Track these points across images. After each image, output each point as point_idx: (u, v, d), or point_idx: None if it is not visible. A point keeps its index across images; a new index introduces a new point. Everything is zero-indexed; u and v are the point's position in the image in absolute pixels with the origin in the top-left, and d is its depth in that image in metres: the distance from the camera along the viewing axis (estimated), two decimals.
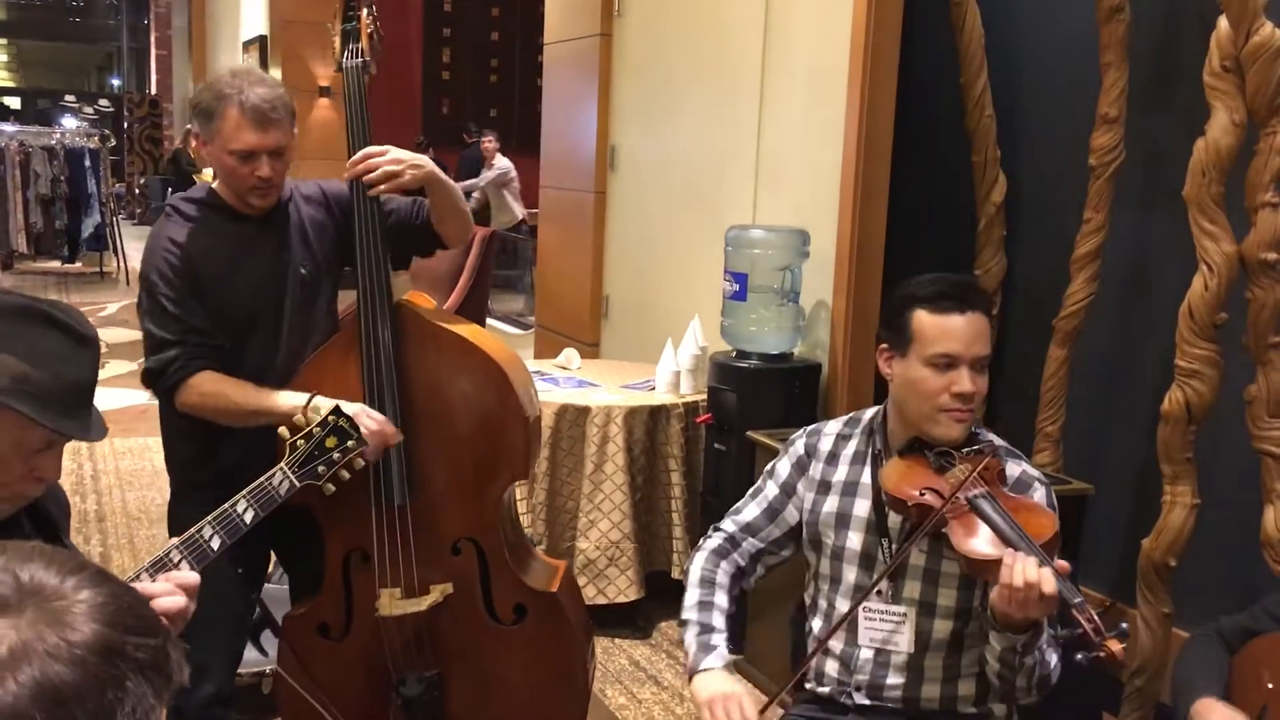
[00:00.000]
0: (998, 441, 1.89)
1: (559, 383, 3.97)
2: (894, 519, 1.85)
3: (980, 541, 1.64)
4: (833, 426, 2.03)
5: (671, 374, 3.81)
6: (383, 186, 2.17)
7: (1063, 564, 1.59)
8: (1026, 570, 1.55)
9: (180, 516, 2.26)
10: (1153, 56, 3.18)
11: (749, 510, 2.04)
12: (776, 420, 3.42)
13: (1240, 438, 2.75)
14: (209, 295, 2.17)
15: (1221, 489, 2.91)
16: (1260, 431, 2.70)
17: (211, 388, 2.14)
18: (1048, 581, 1.53)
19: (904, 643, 1.83)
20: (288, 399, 2.10)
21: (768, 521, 2.01)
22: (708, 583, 1.98)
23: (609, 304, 5.06)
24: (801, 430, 2.07)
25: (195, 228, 2.21)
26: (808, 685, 1.98)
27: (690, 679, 1.88)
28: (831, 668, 1.92)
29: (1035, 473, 1.85)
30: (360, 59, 2.30)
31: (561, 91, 5.38)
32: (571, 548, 3.63)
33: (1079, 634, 1.52)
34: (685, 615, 1.96)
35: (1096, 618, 1.49)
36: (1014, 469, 1.84)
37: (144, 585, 1.49)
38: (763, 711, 1.80)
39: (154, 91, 18.90)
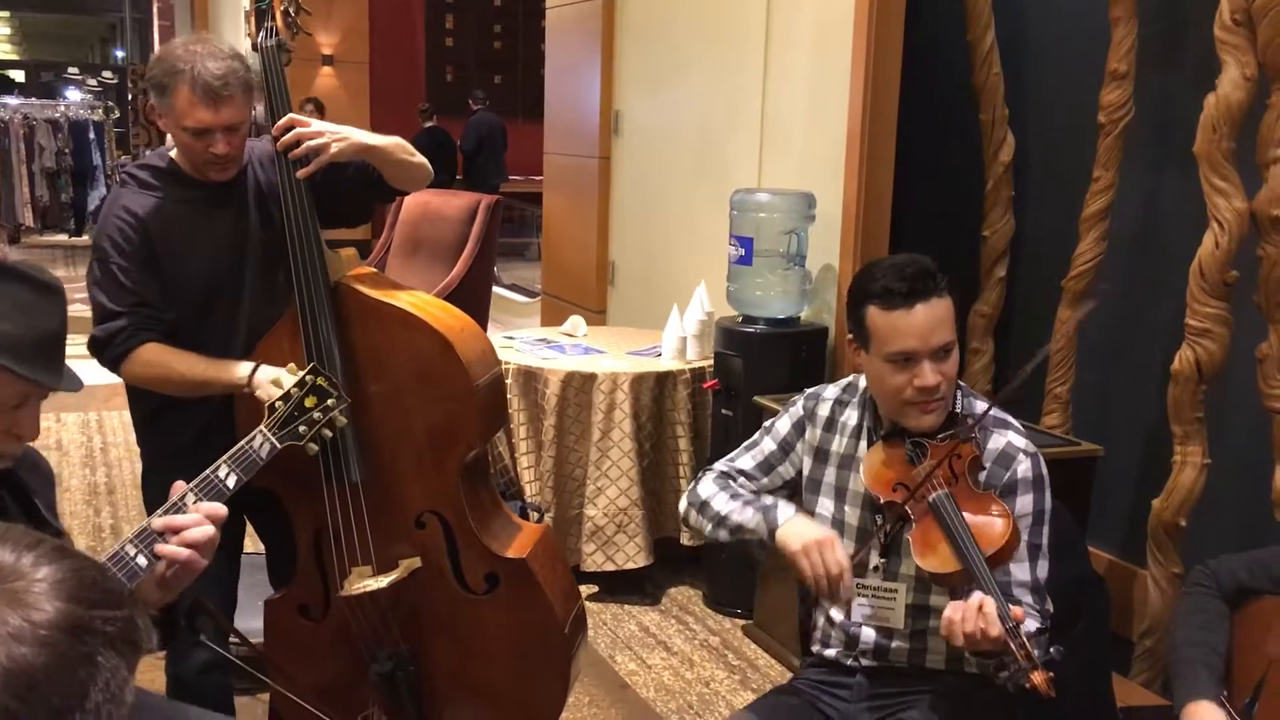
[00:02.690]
0: (981, 407, 1.85)
1: (565, 350, 3.96)
2: None
3: (934, 558, 1.64)
4: (831, 391, 2.00)
5: (678, 340, 3.79)
6: (311, 166, 2.14)
7: (1018, 612, 1.56)
8: (970, 622, 1.55)
9: (154, 488, 2.28)
10: (1162, 11, 3.13)
11: (743, 460, 2.02)
12: (783, 385, 3.40)
13: (1251, 397, 2.72)
14: (167, 266, 2.17)
15: (1232, 448, 2.89)
16: (1271, 390, 2.67)
17: (157, 358, 2.15)
18: (993, 627, 1.52)
19: (896, 619, 1.82)
20: (233, 370, 2.11)
21: (763, 474, 1.99)
22: (725, 487, 1.96)
23: (615, 270, 5.03)
24: (800, 394, 2.05)
25: (152, 197, 2.19)
26: (814, 648, 1.98)
27: (773, 539, 1.81)
28: (835, 637, 1.91)
29: (1022, 442, 1.81)
30: (275, 38, 2.23)
31: (564, 57, 5.33)
32: (579, 515, 3.63)
33: (1009, 660, 1.52)
34: (723, 511, 1.91)
35: (1029, 645, 1.49)
36: (998, 441, 1.80)
37: (171, 518, 1.49)
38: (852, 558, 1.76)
39: None
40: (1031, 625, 1.67)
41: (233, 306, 2.24)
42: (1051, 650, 1.53)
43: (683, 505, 2.04)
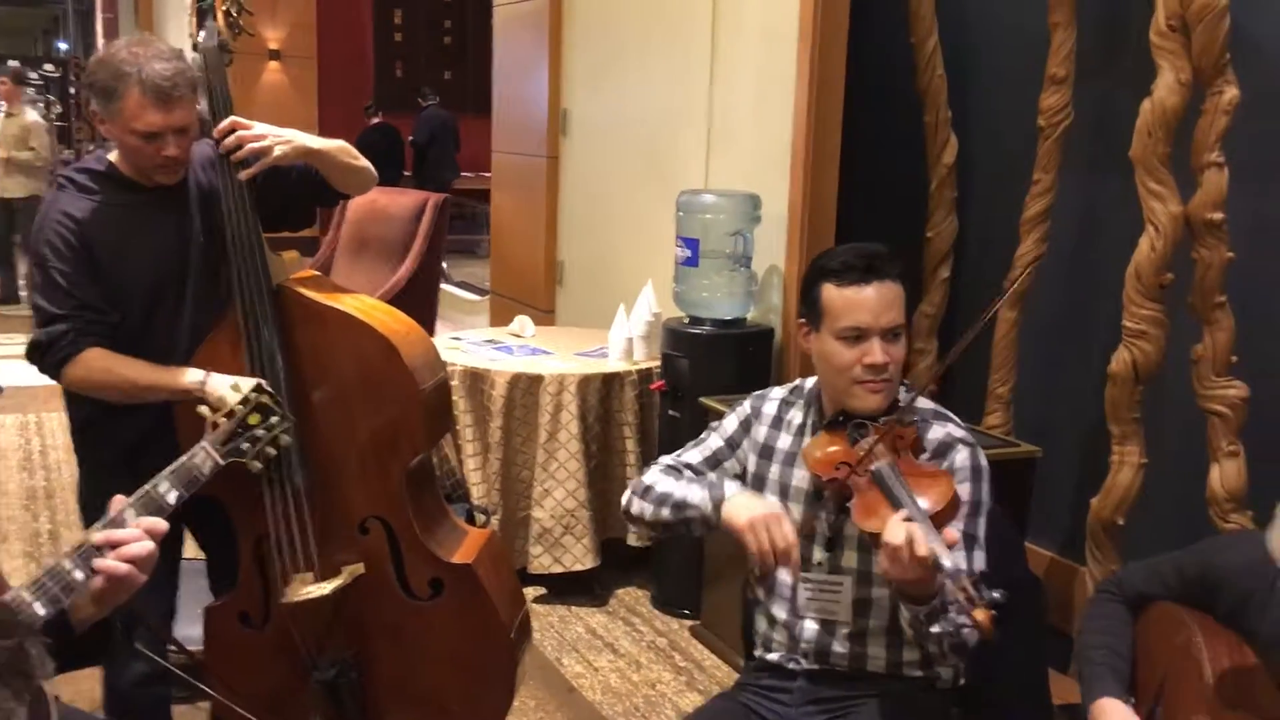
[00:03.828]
0: (925, 404, 1.88)
1: (512, 351, 3.94)
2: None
3: (875, 520, 1.64)
4: (778, 392, 2.02)
5: (624, 341, 3.79)
6: (253, 169, 2.11)
7: (950, 534, 1.58)
8: (901, 533, 1.55)
9: (91, 496, 2.25)
10: (1101, 16, 3.17)
11: (690, 455, 2.03)
12: (730, 386, 3.41)
13: (1186, 397, 2.77)
14: (107, 270, 2.13)
15: (1168, 448, 2.94)
16: (1206, 391, 2.72)
17: (100, 364, 2.12)
18: (920, 544, 1.53)
19: (842, 611, 1.83)
20: (180, 376, 2.09)
21: (708, 468, 2.00)
22: (674, 472, 1.96)
23: (563, 270, 5.02)
24: (750, 394, 2.06)
25: (90, 201, 2.15)
26: (756, 653, 1.99)
27: (719, 514, 1.81)
28: (779, 636, 1.92)
29: (961, 433, 1.84)
30: (216, 39, 2.20)
31: (512, 55, 5.30)
32: (527, 517, 3.62)
33: (952, 601, 1.52)
34: (668, 490, 1.91)
35: (970, 586, 1.49)
36: (937, 432, 1.83)
37: (111, 533, 1.47)
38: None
39: None
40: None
41: (174, 311, 2.21)
42: (995, 593, 1.53)
43: (625, 496, 2.01)
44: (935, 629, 1.62)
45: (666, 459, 2.04)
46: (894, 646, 1.83)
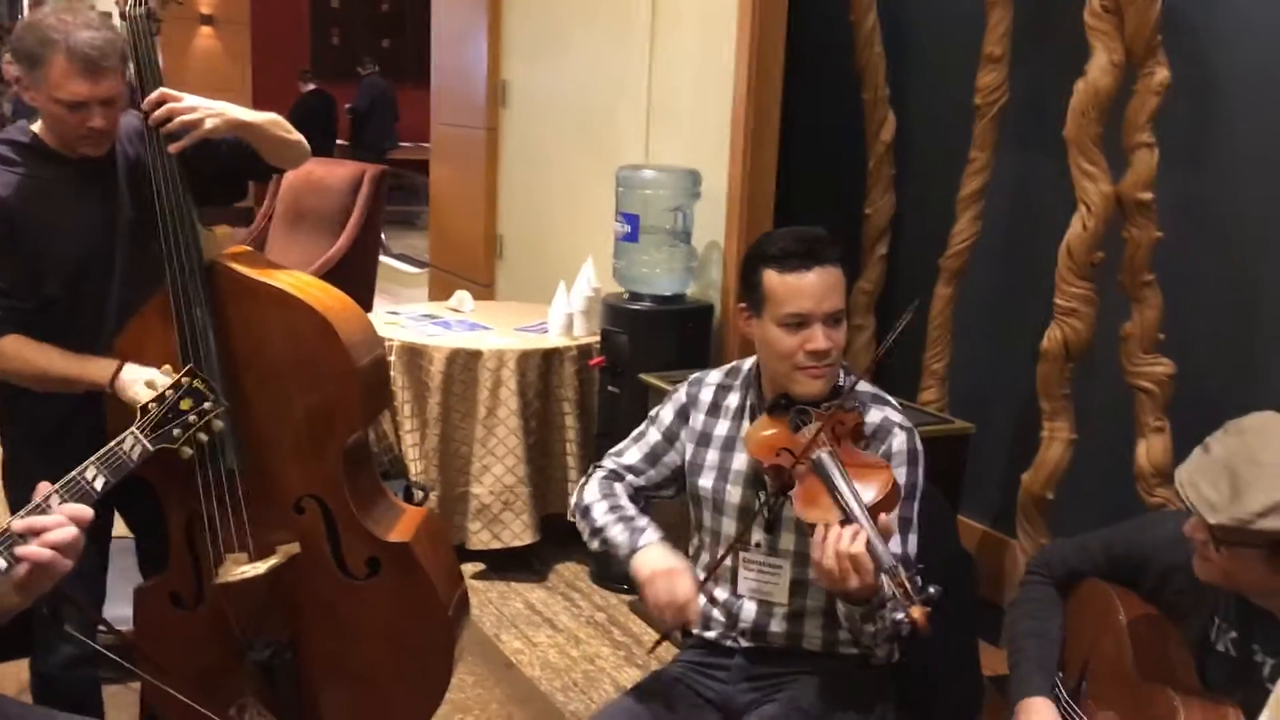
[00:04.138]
0: (864, 388, 1.89)
1: (450, 326, 3.91)
2: None
3: (815, 510, 1.66)
4: (714, 377, 2.02)
5: (564, 316, 3.78)
6: (183, 142, 2.06)
7: (888, 526, 1.60)
8: (839, 543, 1.57)
9: (15, 478, 2.20)
10: None
11: (630, 453, 2.04)
12: (669, 362, 3.42)
13: (1115, 374, 2.83)
14: (31, 246, 2.08)
15: (1097, 424, 3.00)
16: (1134, 368, 2.78)
17: (15, 353, 2.07)
18: (859, 545, 1.55)
19: (779, 593, 1.85)
20: (94, 368, 2.05)
21: (649, 465, 2.02)
22: (609, 495, 1.98)
23: (503, 244, 4.98)
24: (684, 381, 2.07)
25: (14, 174, 2.09)
26: (694, 630, 2.00)
27: (629, 565, 1.86)
28: (718, 615, 1.93)
29: (898, 418, 1.86)
30: (144, 7, 2.12)
31: (451, 24, 5.23)
32: (465, 493, 3.61)
33: (889, 596, 1.54)
34: (599, 524, 1.94)
35: (908, 582, 1.51)
36: (875, 416, 1.84)
37: (33, 519, 1.44)
38: (702, 584, 1.80)
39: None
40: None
41: (102, 288, 2.16)
42: (931, 589, 1.55)
43: (571, 504, 2.07)
44: (870, 627, 1.64)
45: (609, 462, 2.06)
46: (830, 626, 1.85)
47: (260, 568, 2.11)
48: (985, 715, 2.28)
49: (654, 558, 1.83)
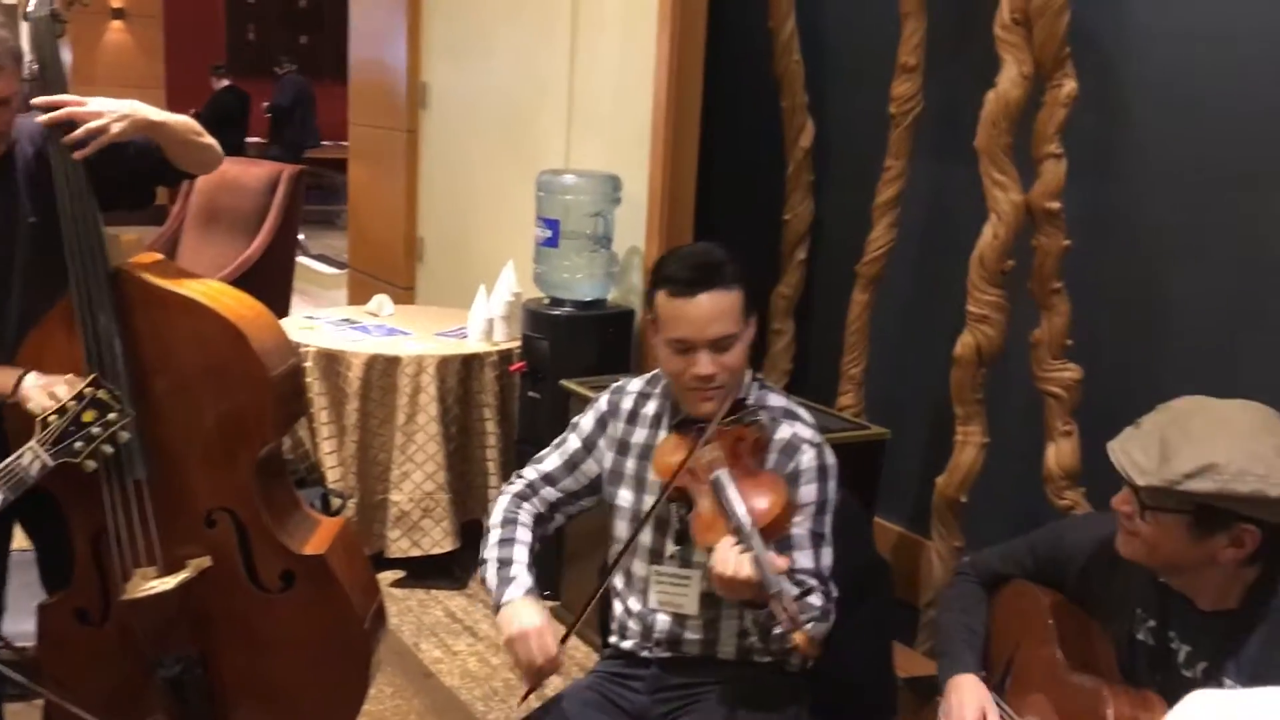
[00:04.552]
0: (777, 402, 1.91)
1: (369, 331, 3.87)
2: None
3: (711, 535, 1.68)
4: (635, 385, 2.03)
5: (485, 322, 3.76)
6: (89, 149, 2.01)
7: (781, 561, 1.61)
8: (729, 562, 1.60)
9: None
10: (950, 7, 3.25)
11: (550, 460, 2.04)
12: (590, 368, 3.42)
13: (1026, 379, 2.89)
14: None
15: (1009, 428, 3.06)
16: (1043, 373, 2.84)
17: None
18: (745, 568, 1.58)
19: (690, 604, 1.86)
20: None
21: (567, 473, 2.02)
22: (509, 522, 1.98)
23: (424, 247, 4.94)
24: (607, 389, 2.07)
25: None
26: (611, 640, 2.00)
27: (496, 615, 1.87)
28: (633, 625, 1.94)
29: (808, 433, 1.87)
30: (49, 7, 2.07)
31: (369, 23, 5.16)
32: (384, 500, 3.57)
33: (776, 621, 1.57)
34: (485, 555, 1.95)
35: (792, 607, 1.54)
36: (785, 431, 1.85)
37: None
38: (563, 641, 1.81)
39: None
40: (816, 600, 1.74)
41: (1, 294, 2.09)
42: (813, 616, 1.61)
43: (490, 510, 2.05)
44: (776, 631, 1.65)
45: (528, 472, 2.05)
46: (744, 634, 1.87)
47: (170, 583, 2.06)
48: (900, 717, 2.32)
49: (518, 615, 1.82)
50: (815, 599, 1.74)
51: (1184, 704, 0.76)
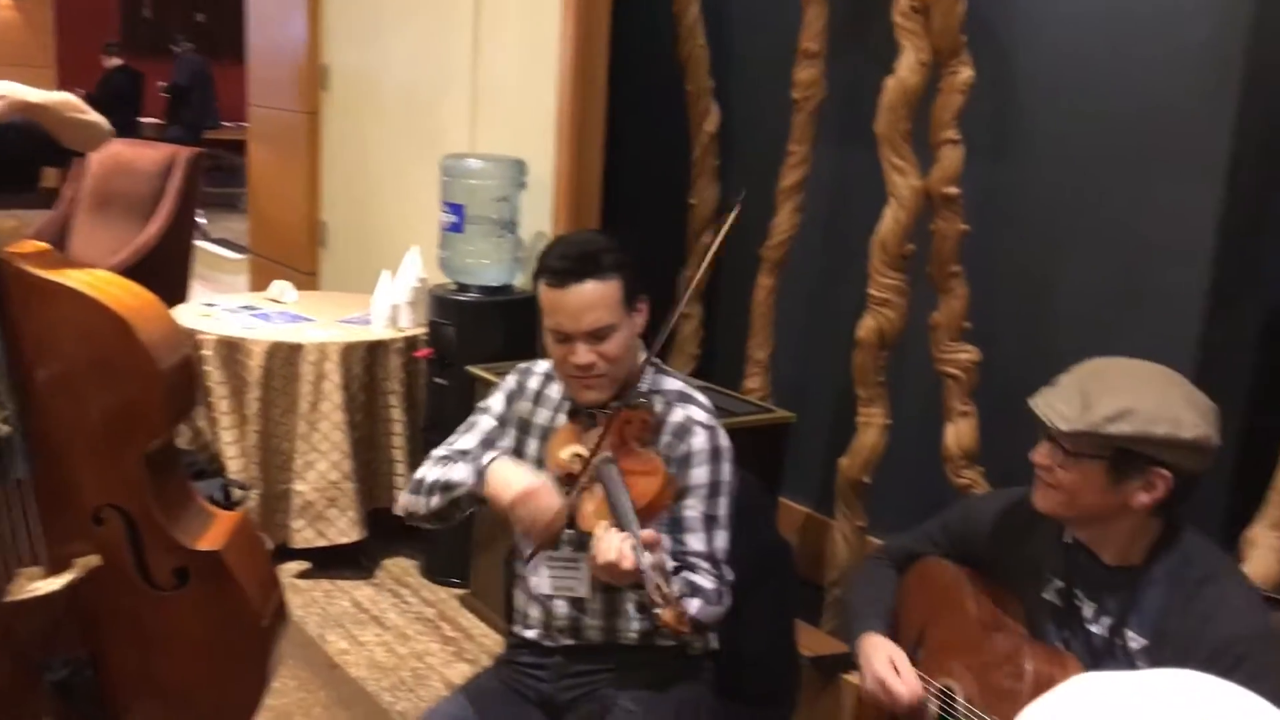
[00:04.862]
0: (673, 385, 1.91)
1: (270, 318, 3.79)
2: None
3: (593, 514, 1.69)
4: (543, 366, 2.02)
5: (389, 308, 3.70)
6: None
7: (649, 534, 1.62)
8: (610, 549, 1.61)
9: None
10: None
11: (464, 440, 2.01)
12: (497, 354, 3.39)
13: (926, 361, 2.94)
14: None
15: (910, 409, 3.12)
16: (942, 355, 2.89)
17: None
18: (626, 559, 1.59)
19: (582, 588, 1.86)
20: None
21: (484, 450, 1.99)
22: (446, 460, 1.93)
23: (327, 231, 4.85)
24: (515, 368, 2.06)
25: None
26: (515, 629, 2.00)
27: (482, 488, 1.80)
28: (535, 613, 1.93)
29: (701, 416, 1.86)
30: None
31: (268, 3, 5.04)
32: (288, 490, 3.50)
33: (649, 600, 1.58)
34: (436, 477, 1.88)
35: (664, 587, 1.56)
36: (678, 415, 1.85)
37: None
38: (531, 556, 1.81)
39: None
40: (706, 582, 1.75)
41: None
42: (687, 600, 1.64)
43: (401, 501, 2.00)
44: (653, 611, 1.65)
45: (440, 450, 2.02)
46: (645, 619, 1.87)
47: (56, 583, 1.99)
48: (803, 695, 2.35)
49: (508, 477, 1.76)
50: (705, 581, 1.75)
51: (1066, 686, 0.79)
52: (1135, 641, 1.63)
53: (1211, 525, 1.84)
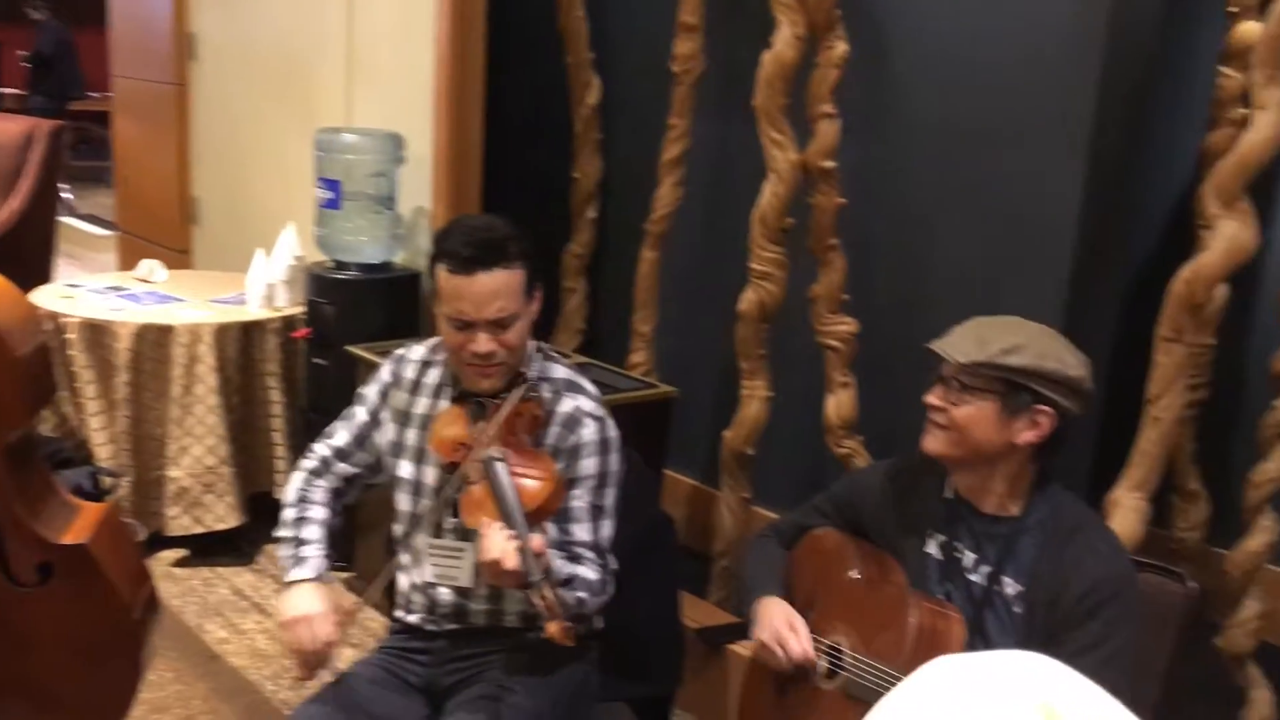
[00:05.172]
0: (561, 374, 1.90)
1: (139, 299, 3.65)
2: None
3: (480, 511, 1.69)
4: (418, 352, 1.99)
5: (265, 287, 3.60)
6: None
7: (538, 542, 1.62)
8: (494, 550, 1.62)
9: None
10: None
11: (340, 435, 1.99)
12: (378, 333, 3.33)
13: (807, 334, 2.97)
14: None
15: (792, 381, 3.15)
16: (822, 327, 2.93)
17: None
18: (510, 559, 1.59)
19: (465, 577, 1.85)
20: None
21: (357, 447, 1.97)
22: (304, 500, 1.95)
23: (199, 207, 4.69)
24: (390, 357, 2.02)
25: None
26: (398, 614, 1.97)
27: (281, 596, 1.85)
28: (418, 599, 1.91)
29: (590, 406, 1.86)
30: None
31: None
32: (161, 477, 3.40)
33: (535, 608, 1.59)
34: (280, 533, 1.93)
35: (551, 596, 1.57)
36: (567, 405, 1.85)
37: None
38: (341, 621, 1.81)
39: None
40: (590, 574, 1.75)
41: None
42: (574, 609, 1.66)
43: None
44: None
45: (319, 447, 2.00)
46: (528, 602, 1.86)
47: None
48: (690, 667, 2.38)
49: (297, 601, 1.82)
50: (590, 572, 1.75)
51: (922, 670, 0.81)
52: (1011, 588, 1.72)
53: (1077, 489, 1.91)
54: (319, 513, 1.93)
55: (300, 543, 1.89)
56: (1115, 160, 2.70)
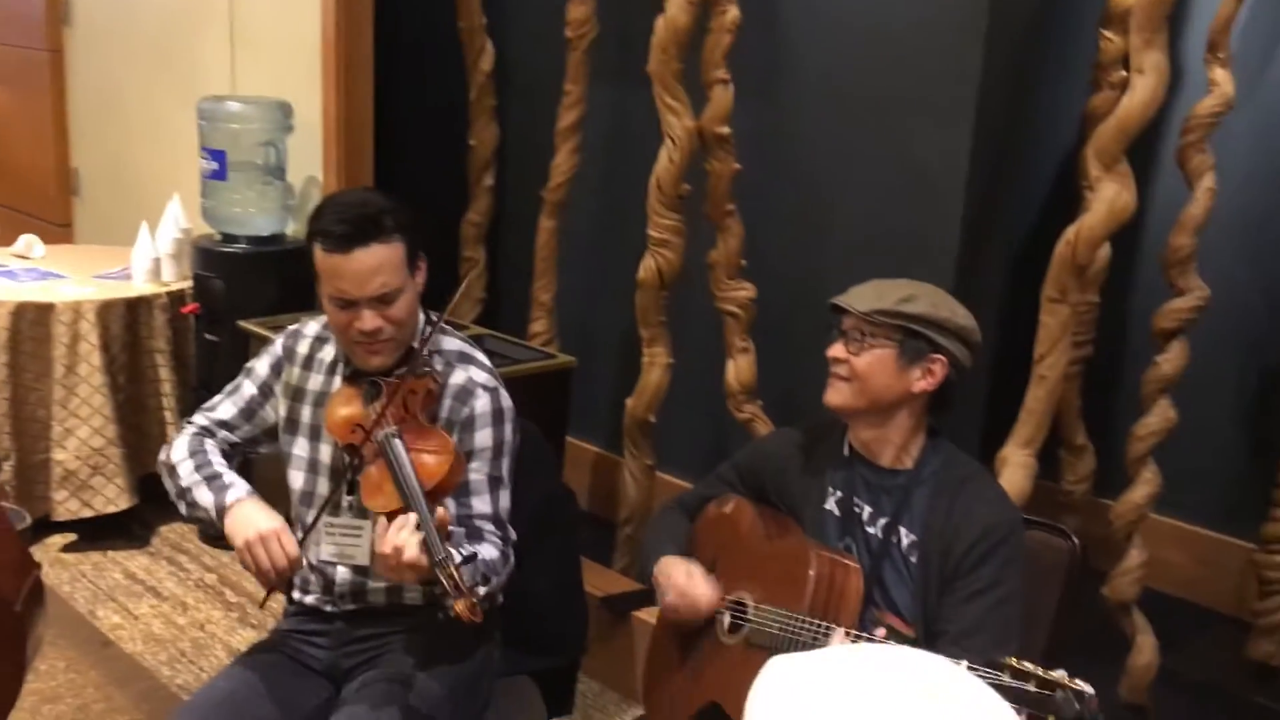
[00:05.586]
0: (453, 346, 1.87)
1: (17, 276, 3.51)
2: None
3: (380, 498, 1.66)
4: (312, 328, 1.94)
5: (151, 261, 3.49)
6: None
7: (442, 514, 1.60)
8: (391, 542, 1.58)
9: None
10: None
11: (224, 408, 1.92)
12: (270, 307, 3.25)
13: (706, 300, 2.98)
14: None
15: (693, 348, 3.17)
16: (721, 293, 2.94)
17: None
18: (410, 548, 1.56)
19: (362, 555, 1.82)
20: None
21: (244, 420, 1.91)
22: (197, 452, 1.86)
23: (79, 179, 4.51)
24: (283, 331, 1.96)
25: None
26: (294, 595, 1.93)
27: (221, 526, 1.76)
28: (315, 579, 1.87)
29: (482, 377, 1.83)
30: None
31: None
32: (46, 460, 3.28)
33: (441, 588, 1.56)
34: (184, 484, 1.82)
35: (457, 574, 1.55)
36: (459, 377, 1.82)
37: None
38: (302, 542, 1.74)
39: None
40: (491, 552, 1.73)
41: None
42: (480, 587, 1.62)
43: (160, 460, 1.90)
44: (446, 602, 1.63)
45: (200, 417, 1.93)
46: (428, 580, 1.84)
47: None
48: (595, 636, 2.38)
49: (252, 518, 1.73)
50: (490, 550, 1.74)
51: (766, 669, 0.82)
52: (906, 539, 1.77)
53: (970, 451, 1.95)
54: (219, 459, 1.86)
55: (215, 476, 1.81)
56: (1003, 124, 2.75)
